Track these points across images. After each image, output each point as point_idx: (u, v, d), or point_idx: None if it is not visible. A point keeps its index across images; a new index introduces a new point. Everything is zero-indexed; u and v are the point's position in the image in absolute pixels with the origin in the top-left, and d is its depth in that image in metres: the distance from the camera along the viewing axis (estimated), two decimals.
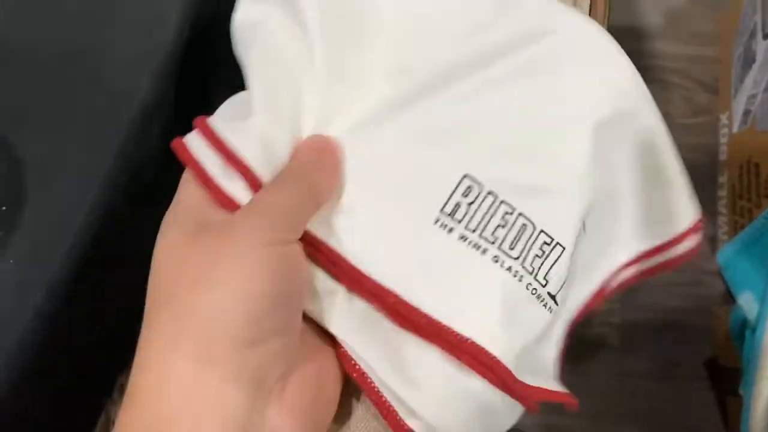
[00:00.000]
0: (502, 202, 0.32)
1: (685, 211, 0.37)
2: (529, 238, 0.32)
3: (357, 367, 0.31)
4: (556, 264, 0.32)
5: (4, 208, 0.38)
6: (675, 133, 1.21)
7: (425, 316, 0.31)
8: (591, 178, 0.33)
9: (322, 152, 0.31)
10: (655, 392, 1.15)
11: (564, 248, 0.32)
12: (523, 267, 0.32)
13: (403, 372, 0.31)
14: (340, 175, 0.32)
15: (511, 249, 0.32)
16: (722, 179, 1.15)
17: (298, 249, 0.29)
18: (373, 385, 0.30)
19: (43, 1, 0.40)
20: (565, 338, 0.38)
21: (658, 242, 0.37)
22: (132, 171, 0.38)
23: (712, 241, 1.17)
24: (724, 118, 1.16)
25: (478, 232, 0.32)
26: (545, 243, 0.32)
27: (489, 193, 0.32)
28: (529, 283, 0.32)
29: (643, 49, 1.23)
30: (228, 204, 0.30)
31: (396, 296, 0.31)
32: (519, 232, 0.32)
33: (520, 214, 0.32)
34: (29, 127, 0.39)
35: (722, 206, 1.15)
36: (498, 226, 0.32)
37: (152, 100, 0.39)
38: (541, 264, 0.32)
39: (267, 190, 0.30)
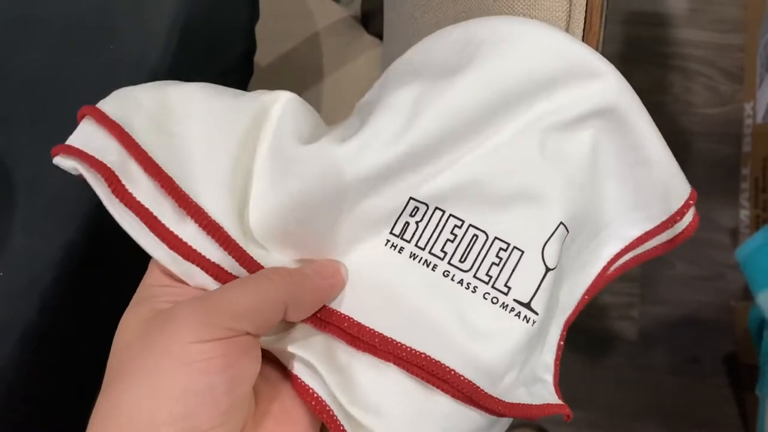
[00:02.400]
0: (450, 216, 0.32)
1: (676, 189, 0.36)
2: (482, 247, 0.31)
3: (316, 396, 0.31)
4: (518, 269, 0.31)
5: None
6: (697, 123, 1.19)
7: (378, 335, 0.31)
8: (559, 180, 0.32)
9: (325, 277, 0.31)
10: (674, 387, 1.13)
11: (522, 251, 0.31)
12: (477, 277, 0.31)
13: (365, 398, 0.30)
14: (324, 300, 0.31)
15: (462, 261, 0.31)
16: (745, 171, 1.12)
17: (244, 342, 0.27)
18: (333, 415, 0.30)
19: (31, 14, 0.40)
20: (563, 335, 0.37)
21: (651, 225, 0.36)
22: None
23: (733, 234, 1.15)
24: (748, 108, 1.13)
25: (427, 248, 0.32)
26: (501, 249, 0.31)
27: (437, 208, 0.32)
28: (487, 293, 0.31)
29: (667, 36, 1.20)
30: (184, 251, 0.30)
31: (350, 319, 0.31)
32: (470, 243, 0.32)
33: (470, 226, 0.32)
34: (18, 137, 0.38)
35: (744, 199, 1.12)
36: (447, 240, 0.32)
37: None
38: (500, 271, 0.31)
39: (235, 284, 0.29)
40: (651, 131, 0.34)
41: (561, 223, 0.32)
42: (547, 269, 0.32)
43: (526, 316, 0.31)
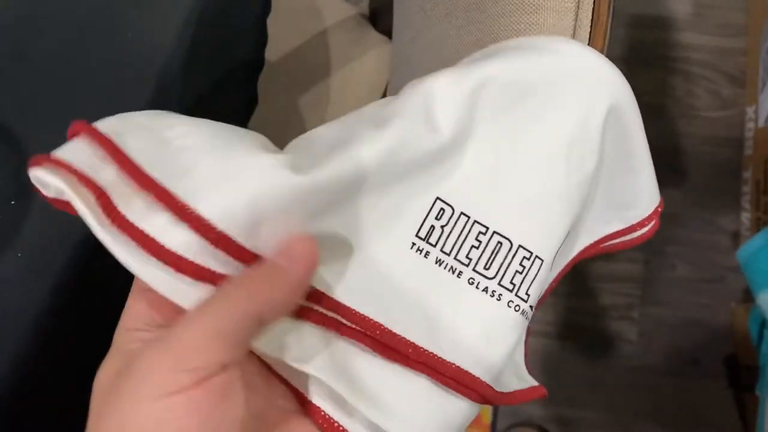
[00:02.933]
0: (475, 222, 0.32)
1: (650, 196, 0.38)
2: (507, 255, 0.32)
3: (331, 420, 0.30)
4: (537, 277, 0.32)
5: (13, 202, 0.38)
6: (699, 126, 1.20)
7: (411, 344, 0.30)
8: (575, 190, 0.33)
9: (293, 257, 0.27)
10: (674, 388, 1.14)
11: (543, 260, 0.32)
12: (501, 285, 0.32)
13: (386, 406, 0.30)
14: (302, 288, 0.28)
15: (487, 269, 0.32)
16: (746, 174, 1.13)
17: (221, 383, 0.24)
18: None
19: (54, 3, 0.40)
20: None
21: (622, 226, 0.38)
22: None
23: (734, 237, 1.16)
24: (750, 112, 1.14)
25: (453, 254, 0.32)
26: (525, 258, 0.32)
27: (462, 214, 0.32)
28: (511, 300, 0.32)
29: (670, 40, 1.21)
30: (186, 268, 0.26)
31: (381, 327, 0.30)
32: (494, 250, 0.32)
33: (494, 233, 0.32)
34: (39, 122, 0.39)
35: (746, 202, 1.13)
36: (472, 246, 0.32)
37: (160, 98, 0.40)
38: (523, 279, 0.32)
39: (190, 315, 0.24)
40: (643, 142, 0.36)
41: (568, 231, 0.33)
42: (548, 273, 0.33)
43: (529, 316, 0.32)
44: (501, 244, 0.32)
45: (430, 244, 0.32)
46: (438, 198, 0.32)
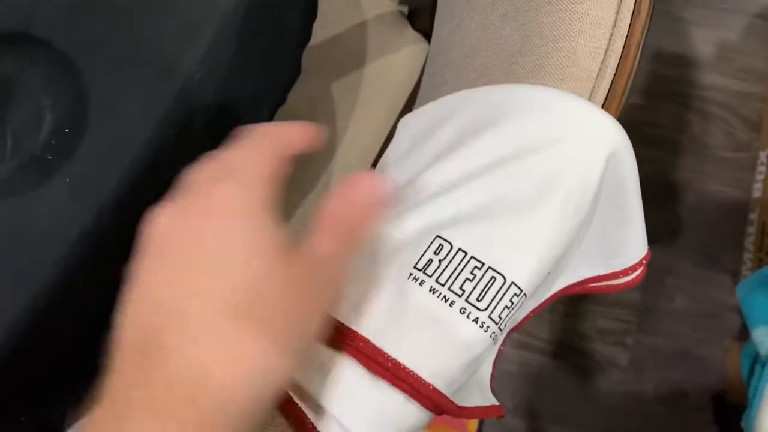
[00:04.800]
0: (471, 257, 0.34)
1: (636, 247, 0.39)
2: (500, 289, 0.34)
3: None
4: (520, 311, 0.35)
5: (67, 130, 0.41)
6: (711, 164, 1.22)
7: (392, 360, 0.32)
8: (567, 236, 0.35)
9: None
10: (660, 417, 1.15)
11: (526, 296, 0.34)
12: (491, 318, 0.33)
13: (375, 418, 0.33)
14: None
15: (479, 300, 0.33)
16: (753, 216, 1.15)
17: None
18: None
19: None
20: (505, 342, 0.40)
21: (605, 271, 0.40)
22: (188, 113, 0.41)
23: (734, 276, 1.17)
24: (763, 156, 1.16)
25: (447, 285, 0.34)
26: (515, 294, 0.34)
27: (459, 249, 0.34)
28: (494, 332, 0.34)
29: (690, 78, 1.24)
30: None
31: (367, 341, 0.33)
32: (488, 284, 0.34)
33: (489, 268, 0.34)
34: (100, 62, 0.41)
35: (749, 243, 1.15)
36: (466, 279, 0.34)
37: (212, 57, 0.42)
38: (509, 313, 0.34)
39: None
40: (637, 195, 0.38)
41: (550, 271, 0.36)
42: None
43: (496, 340, 0.35)
44: (495, 279, 0.33)
45: (427, 275, 0.34)
46: (438, 236, 0.34)
